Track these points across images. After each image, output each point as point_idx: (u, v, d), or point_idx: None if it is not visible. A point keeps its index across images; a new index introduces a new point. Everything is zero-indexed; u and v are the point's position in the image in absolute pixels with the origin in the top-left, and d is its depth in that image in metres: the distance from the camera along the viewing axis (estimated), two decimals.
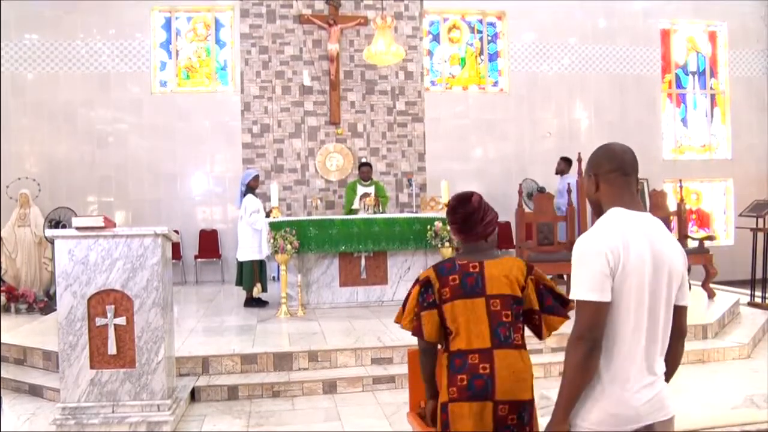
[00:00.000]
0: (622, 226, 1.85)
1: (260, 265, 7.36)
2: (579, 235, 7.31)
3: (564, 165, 9.28)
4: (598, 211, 1.97)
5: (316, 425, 4.24)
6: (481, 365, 2.22)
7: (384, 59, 8.23)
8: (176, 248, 9.56)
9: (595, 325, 1.76)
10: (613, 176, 1.95)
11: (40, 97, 9.75)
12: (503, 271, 2.33)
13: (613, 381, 1.80)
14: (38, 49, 9.77)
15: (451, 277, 2.33)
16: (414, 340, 2.47)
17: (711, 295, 7.28)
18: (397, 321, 2.48)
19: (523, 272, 2.36)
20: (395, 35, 9.26)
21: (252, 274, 7.27)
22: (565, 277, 7.41)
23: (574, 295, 1.79)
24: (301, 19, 9.95)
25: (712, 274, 7.30)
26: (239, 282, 7.47)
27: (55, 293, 5.39)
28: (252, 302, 7.32)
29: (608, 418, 1.80)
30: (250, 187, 7.40)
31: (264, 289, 7.41)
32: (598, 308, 1.76)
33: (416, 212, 8.57)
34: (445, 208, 7.38)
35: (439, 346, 2.41)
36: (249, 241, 7.26)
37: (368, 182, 8.56)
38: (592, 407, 1.82)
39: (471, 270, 2.33)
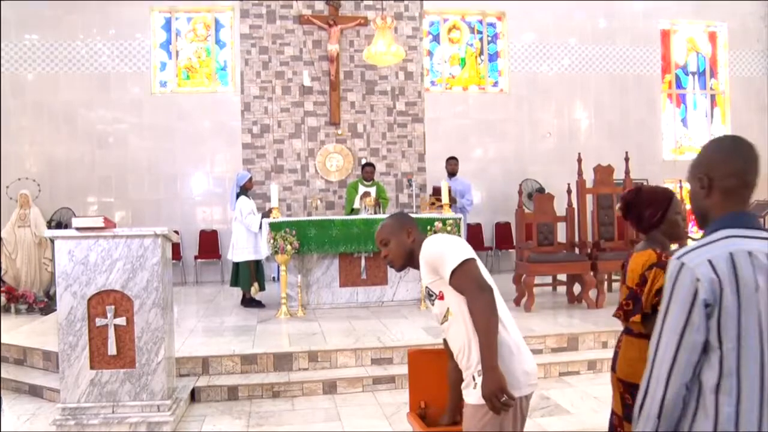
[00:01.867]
0: None
1: (257, 265, 7.36)
2: (579, 234, 7.32)
3: (456, 165, 9.06)
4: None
5: (316, 425, 4.24)
6: None
7: (384, 59, 8.23)
8: (176, 248, 9.57)
9: (480, 275, 2.18)
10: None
11: (40, 97, 9.75)
12: (632, 263, 2.52)
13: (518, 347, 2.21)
14: (38, 49, 9.77)
15: None
16: (414, 341, 2.49)
17: None
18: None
19: (643, 266, 2.47)
20: (395, 35, 9.26)
21: (249, 274, 7.27)
22: (565, 277, 7.42)
23: (456, 262, 2.16)
24: (301, 19, 9.95)
25: None
26: (234, 283, 7.47)
27: (55, 293, 5.39)
28: (250, 302, 7.33)
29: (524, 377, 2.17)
30: (245, 189, 7.41)
31: (262, 288, 7.41)
32: (475, 263, 2.21)
33: (416, 212, 8.57)
34: (445, 209, 7.40)
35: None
36: (244, 241, 7.27)
37: (370, 182, 8.57)
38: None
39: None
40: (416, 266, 2.35)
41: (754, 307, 1.39)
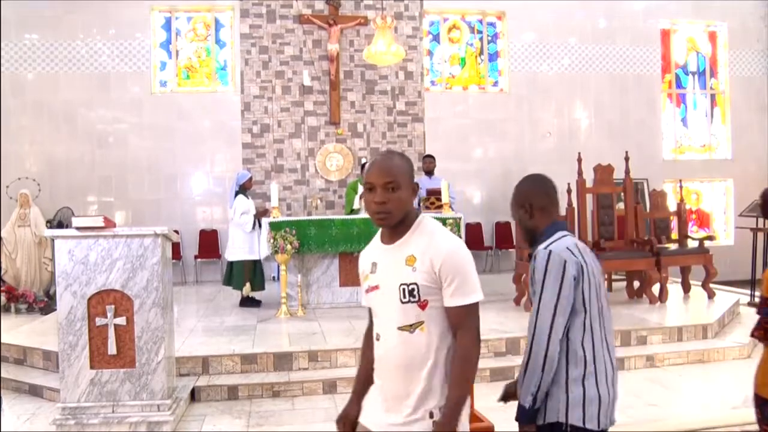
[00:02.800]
0: None
1: (254, 265, 7.36)
2: (579, 234, 7.32)
3: (433, 164, 8.95)
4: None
5: (316, 425, 4.24)
6: None
7: (384, 59, 8.23)
8: (176, 248, 9.56)
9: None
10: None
11: (40, 97, 9.75)
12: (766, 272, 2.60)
13: None
14: (38, 49, 9.77)
15: None
16: None
17: (711, 295, 7.28)
18: None
19: None
20: (395, 35, 9.26)
21: (243, 273, 7.28)
22: None
23: (477, 297, 1.87)
24: (301, 19, 9.95)
25: (712, 274, 7.29)
26: (227, 282, 7.47)
27: (55, 293, 5.39)
28: (247, 302, 7.33)
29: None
30: (244, 189, 7.41)
31: (259, 288, 7.40)
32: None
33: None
34: (445, 209, 7.40)
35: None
36: (240, 241, 7.27)
37: None
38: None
39: None
40: (400, 232, 1.91)
41: (594, 279, 2.09)
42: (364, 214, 7.67)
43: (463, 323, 1.86)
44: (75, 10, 9.75)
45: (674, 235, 8.11)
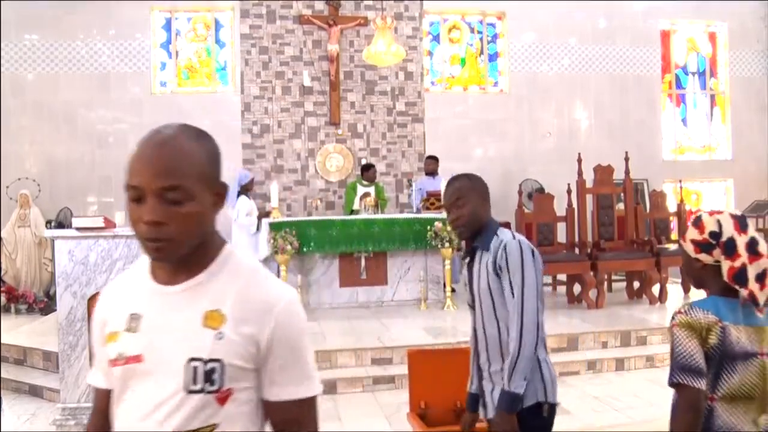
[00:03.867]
0: None
1: None
2: (579, 235, 7.31)
3: (436, 165, 8.98)
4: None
5: None
6: None
7: (384, 60, 8.23)
8: None
9: None
10: None
11: (40, 97, 9.75)
12: None
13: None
14: (38, 49, 9.77)
15: None
16: (414, 341, 2.47)
17: None
18: None
19: None
20: (395, 35, 9.26)
21: None
22: (565, 277, 7.41)
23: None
24: (301, 19, 9.95)
25: None
26: None
27: (55, 293, 5.39)
28: None
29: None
30: (246, 189, 7.40)
31: None
32: None
33: (417, 213, 8.57)
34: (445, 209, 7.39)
35: None
36: (245, 242, 7.26)
37: (370, 183, 8.56)
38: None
39: None
40: (192, 265, 1.19)
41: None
42: (364, 215, 7.68)
43: (293, 430, 1.19)
44: (75, 10, 9.75)
45: (674, 236, 8.11)
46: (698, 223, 1.78)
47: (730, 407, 1.66)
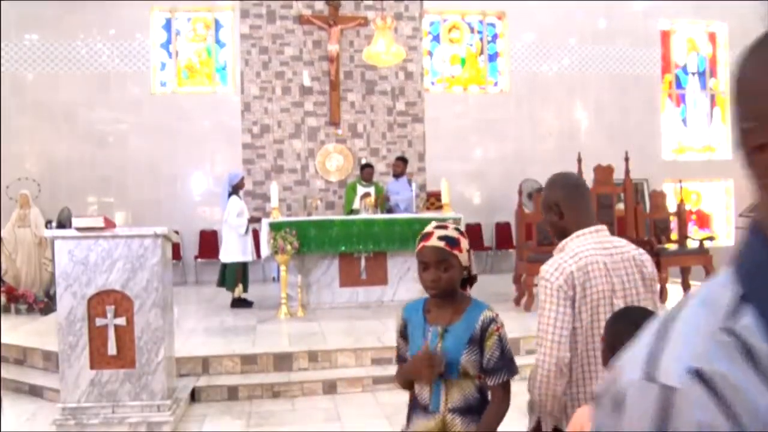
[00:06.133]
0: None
1: (244, 267, 7.37)
2: None
3: (404, 167, 8.82)
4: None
5: (316, 425, 4.24)
6: None
7: (384, 60, 8.23)
8: (176, 248, 9.55)
9: None
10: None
11: (40, 97, 9.74)
12: None
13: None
14: (38, 49, 9.77)
15: None
16: None
17: None
18: None
19: None
20: (395, 35, 9.26)
21: (235, 275, 7.28)
22: None
23: None
24: (301, 19, 9.94)
25: (712, 274, 7.28)
26: (221, 283, 7.48)
27: (55, 293, 5.39)
28: (238, 303, 7.33)
29: None
30: (236, 189, 7.42)
31: (245, 290, 7.42)
32: None
33: (416, 213, 8.56)
34: (445, 209, 7.40)
35: None
36: (234, 243, 7.27)
37: (369, 183, 8.56)
38: None
39: None
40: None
41: None
42: (364, 215, 7.67)
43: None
44: (75, 10, 9.75)
45: (674, 236, 8.10)
46: None
47: None
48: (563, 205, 2.03)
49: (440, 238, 1.86)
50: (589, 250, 1.93)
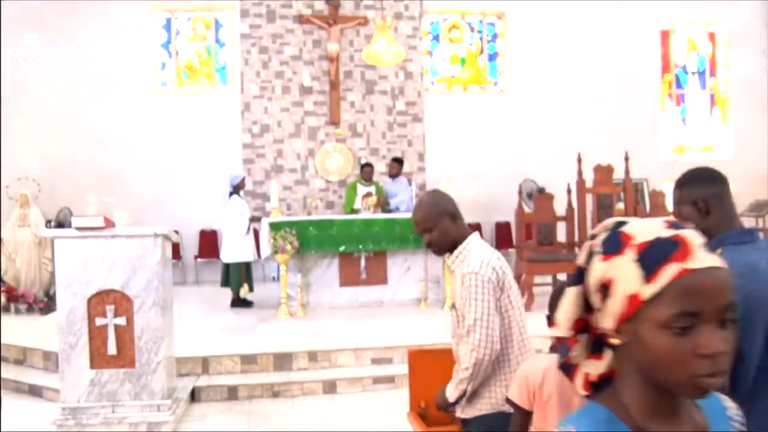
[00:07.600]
0: None
1: (247, 266, 7.37)
2: (579, 234, 7.31)
3: (400, 168, 8.81)
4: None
5: (316, 425, 4.24)
6: None
7: (384, 60, 8.23)
8: (176, 248, 9.55)
9: None
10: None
11: (40, 97, 9.74)
12: None
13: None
14: (38, 49, 9.76)
15: None
16: (414, 341, 2.47)
17: None
18: None
19: None
20: (395, 35, 9.25)
21: (239, 275, 7.29)
22: (565, 277, 7.41)
23: None
24: (301, 19, 9.94)
25: None
26: (225, 283, 7.48)
27: (55, 293, 5.39)
28: (238, 303, 7.33)
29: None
30: (238, 189, 7.44)
31: (251, 290, 7.42)
32: None
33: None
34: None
35: None
36: (235, 243, 7.28)
37: (369, 182, 8.56)
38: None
39: None
40: None
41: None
42: (365, 214, 7.68)
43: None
44: (75, 10, 9.74)
45: None
46: None
47: None
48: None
49: None
50: None
